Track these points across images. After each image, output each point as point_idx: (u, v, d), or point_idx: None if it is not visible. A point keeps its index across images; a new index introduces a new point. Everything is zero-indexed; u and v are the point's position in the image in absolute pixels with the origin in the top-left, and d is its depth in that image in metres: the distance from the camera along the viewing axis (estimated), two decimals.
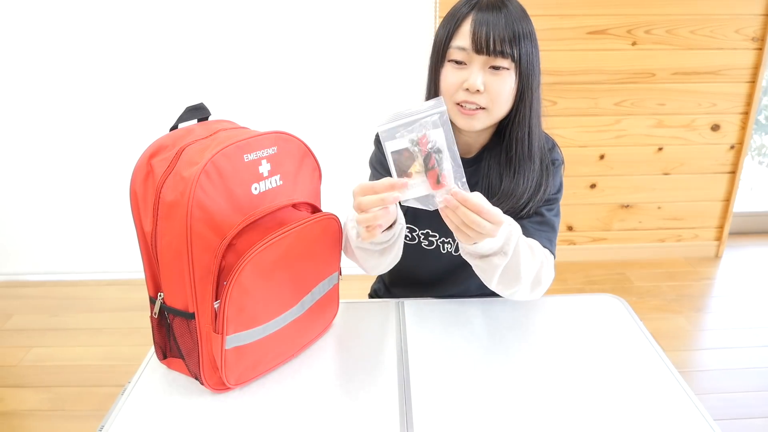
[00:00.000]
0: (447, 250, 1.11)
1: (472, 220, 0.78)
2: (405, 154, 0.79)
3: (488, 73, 0.94)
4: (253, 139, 0.83)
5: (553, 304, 1.10)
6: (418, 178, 0.79)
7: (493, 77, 0.94)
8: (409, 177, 0.79)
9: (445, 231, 1.09)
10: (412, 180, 0.79)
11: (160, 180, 0.80)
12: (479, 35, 0.91)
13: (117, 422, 0.83)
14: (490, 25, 0.91)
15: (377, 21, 2.28)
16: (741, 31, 2.36)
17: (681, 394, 0.88)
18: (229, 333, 0.81)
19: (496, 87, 0.94)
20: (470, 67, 0.94)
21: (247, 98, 2.37)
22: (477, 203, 0.78)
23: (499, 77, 0.94)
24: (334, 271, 0.98)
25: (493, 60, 0.93)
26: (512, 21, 0.92)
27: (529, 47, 0.94)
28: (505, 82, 0.94)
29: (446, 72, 0.97)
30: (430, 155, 0.78)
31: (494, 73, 0.94)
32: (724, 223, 2.69)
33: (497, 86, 0.94)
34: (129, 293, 2.48)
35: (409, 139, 0.78)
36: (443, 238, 1.10)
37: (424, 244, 1.12)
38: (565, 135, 2.49)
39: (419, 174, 0.79)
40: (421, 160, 0.79)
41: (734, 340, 2.15)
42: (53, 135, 2.40)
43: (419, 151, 0.78)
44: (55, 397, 1.90)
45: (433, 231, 1.11)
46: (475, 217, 0.78)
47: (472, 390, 0.88)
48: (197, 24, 2.26)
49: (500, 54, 0.92)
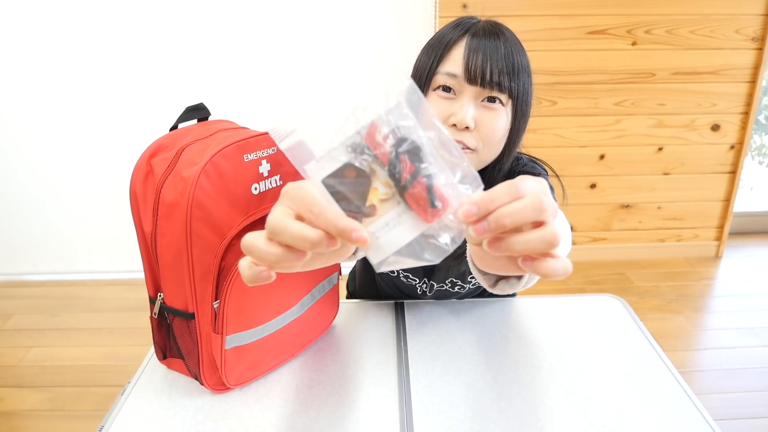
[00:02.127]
0: (423, 290, 1.06)
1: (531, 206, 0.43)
2: (349, 177, 0.42)
3: (480, 107, 0.80)
4: (253, 139, 0.83)
5: (553, 304, 1.10)
6: (390, 210, 0.43)
7: (487, 112, 0.80)
8: (371, 216, 0.43)
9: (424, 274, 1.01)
10: (379, 220, 0.43)
11: (160, 180, 0.80)
12: (474, 62, 0.78)
13: (117, 422, 0.83)
14: (487, 53, 0.79)
15: (377, 21, 2.28)
16: (741, 31, 2.36)
17: (681, 394, 0.88)
18: (228, 333, 0.81)
19: (488, 125, 0.80)
20: (459, 99, 0.80)
21: (247, 98, 2.37)
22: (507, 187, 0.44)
23: (493, 113, 0.80)
24: (333, 271, 0.98)
25: (488, 92, 0.80)
26: (511, 51, 0.80)
27: (527, 82, 0.82)
28: (498, 118, 0.81)
29: (431, 101, 0.82)
30: (397, 161, 0.42)
31: (488, 108, 0.80)
32: (724, 223, 2.69)
33: (490, 123, 0.80)
34: (129, 293, 2.48)
35: (344, 145, 0.42)
36: (425, 280, 1.02)
37: (402, 278, 1.05)
38: (565, 135, 2.49)
39: (389, 202, 0.43)
40: (384, 176, 0.42)
41: (734, 340, 2.15)
42: (53, 135, 2.40)
43: (374, 160, 0.42)
44: (55, 397, 1.90)
45: (413, 275, 1.01)
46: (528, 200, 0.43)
47: (472, 390, 0.88)
48: (197, 24, 2.26)
49: (497, 86, 0.79)
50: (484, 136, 0.80)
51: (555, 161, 1.07)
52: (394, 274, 1.04)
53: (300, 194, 0.43)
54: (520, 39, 0.86)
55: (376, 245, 0.43)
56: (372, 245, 0.43)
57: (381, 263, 0.44)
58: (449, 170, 0.43)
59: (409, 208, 0.42)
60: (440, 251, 0.44)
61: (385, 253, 0.43)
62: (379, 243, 0.43)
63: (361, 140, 0.41)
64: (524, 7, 2.24)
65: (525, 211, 0.43)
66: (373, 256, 0.43)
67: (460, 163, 0.43)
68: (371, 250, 0.43)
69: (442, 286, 1.05)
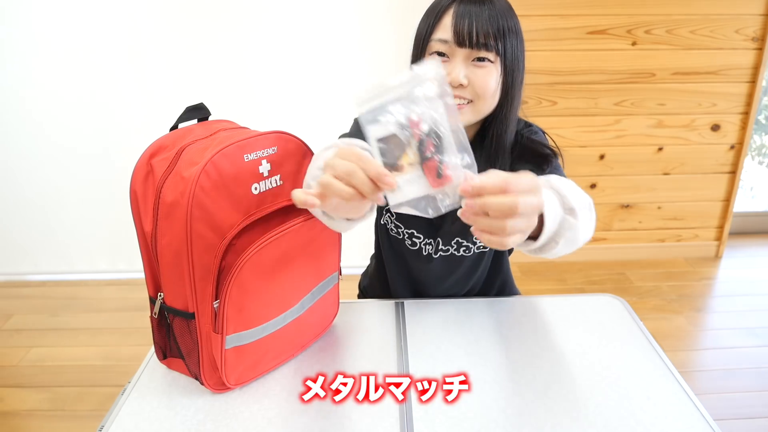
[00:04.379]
0: (428, 252, 1.08)
1: (507, 205, 0.57)
2: (393, 142, 0.61)
3: (471, 66, 0.89)
4: (253, 139, 0.83)
5: (553, 304, 1.10)
6: (412, 172, 0.61)
7: (477, 69, 0.89)
8: (399, 171, 0.62)
9: (429, 232, 1.05)
10: (404, 176, 0.61)
11: (160, 180, 0.80)
12: (461, 27, 0.87)
13: (117, 422, 0.83)
14: (473, 17, 0.87)
15: (377, 21, 2.28)
16: (741, 31, 2.36)
17: (681, 394, 0.88)
18: (228, 333, 0.81)
19: (480, 80, 0.89)
20: (452, 61, 0.90)
21: (247, 98, 2.37)
22: (499, 181, 0.58)
23: (483, 69, 0.89)
24: (333, 271, 0.98)
25: (477, 52, 0.89)
26: (496, 14, 0.88)
27: (515, 42, 0.90)
28: (489, 74, 0.90)
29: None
30: (425, 141, 0.60)
31: (478, 65, 0.89)
32: (724, 223, 2.69)
33: (481, 79, 0.89)
34: (129, 293, 2.48)
35: (396, 122, 0.61)
36: (427, 239, 1.06)
37: (407, 243, 1.09)
38: (565, 135, 2.49)
39: (413, 167, 0.61)
40: (414, 149, 0.61)
41: (734, 340, 2.15)
42: (53, 135, 2.40)
43: (411, 136, 0.61)
44: (55, 397, 1.90)
45: (417, 232, 1.07)
46: (507, 199, 0.57)
47: (472, 390, 0.88)
48: (197, 24, 2.26)
49: (483, 47, 0.88)
50: (477, 90, 0.90)
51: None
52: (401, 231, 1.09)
53: (352, 150, 0.62)
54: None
55: (397, 191, 0.62)
56: (395, 191, 0.62)
57: (397, 205, 0.63)
58: (458, 154, 0.61)
59: (424, 174, 0.61)
60: (437, 210, 0.64)
61: (401, 198, 0.62)
62: (399, 190, 0.62)
63: (406, 121, 0.61)
64: (524, 7, 2.24)
65: (502, 207, 0.58)
66: (392, 199, 0.62)
67: (467, 148, 0.62)
68: (393, 194, 0.62)
69: (447, 250, 1.06)
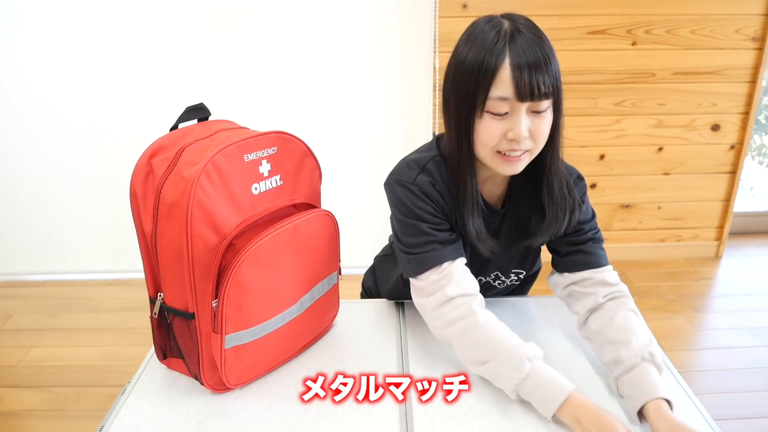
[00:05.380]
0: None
1: None
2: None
3: (531, 116, 0.86)
4: (254, 139, 0.83)
5: (553, 304, 1.10)
6: None
7: (537, 119, 0.86)
8: None
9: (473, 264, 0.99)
10: None
11: (160, 180, 0.80)
12: (523, 83, 0.82)
13: (117, 422, 0.83)
14: (533, 70, 0.82)
15: (377, 21, 2.28)
16: (741, 31, 2.36)
17: (681, 394, 0.88)
18: (228, 332, 0.81)
19: (539, 129, 0.87)
20: (513, 116, 0.85)
21: (247, 98, 2.37)
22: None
23: (542, 118, 0.87)
24: (333, 271, 0.98)
25: (538, 105, 0.85)
26: (545, 53, 0.84)
27: (558, 73, 0.86)
28: (546, 120, 0.88)
29: (486, 124, 0.86)
30: None
31: (537, 116, 0.86)
32: (724, 223, 2.69)
33: (540, 128, 0.87)
34: (129, 293, 2.48)
35: None
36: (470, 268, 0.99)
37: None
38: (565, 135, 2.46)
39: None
40: None
41: (734, 340, 2.15)
42: (53, 135, 2.40)
43: None
44: (54, 397, 1.90)
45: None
46: None
47: (472, 390, 0.88)
48: (197, 24, 2.26)
49: (545, 96, 0.84)
50: (536, 139, 0.88)
51: None
52: None
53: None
54: None
55: None
56: None
57: None
58: None
59: None
60: None
61: None
62: None
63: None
64: (524, 7, 2.24)
65: None
66: None
67: None
68: None
69: (481, 280, 1.06)
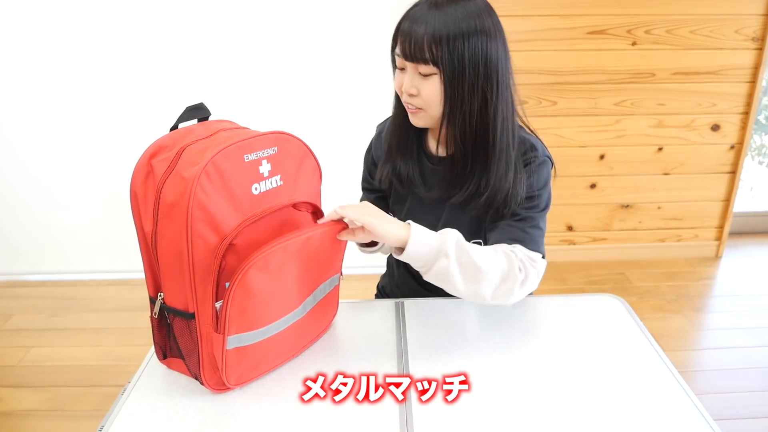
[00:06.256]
0: None
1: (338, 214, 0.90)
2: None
3: (418, 76, 0.96)
4: (254, 139, 0.83)
5: (553, 304, 1.10)
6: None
7: (423, 80, 0.96)
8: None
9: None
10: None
11: (160, 180, 0.80)
12: (405, 44, 0.94)
13: (117, 422, 0.83)
14: (412, 34, 0.93)
15: (377, 21, 2.28)
16: (741, 31, 2.36)
17: (681, 394, 0.88)
18: (230, 334, 0.81)
19: (424, 91, 0.97)
20: (406, 72, 0.98)
21: (247, 98, 2.37)
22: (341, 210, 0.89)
23: (427, 81, 0.96)
24: (335, 273, 0.98)
25: (422, 67, 0.95)
26: (443, 23, 0.91)
27: (460, 47, 0.92)
28: (431, 85, 0.96)
29: (395, 76, 1.02)
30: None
31: (423, 77, 0.96)
32: (724, 223, 2.69)
33: (425, 90, 0.97)
34: (129, 293, 2.48)
35: None
36: None
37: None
38: (565, 135, 2.49)
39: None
40: None
41: (734, 340, 2.15)
42: (53, 135, 2.40)
43: None
44: (54, 397, 1.90)
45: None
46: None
47: (472, 390, 0.88)
48: (197, 24, 2.26)
49: (421, 60, 0.93)
50: (425, 100, 0.98)
51: (555, 161, 1.07)
52: None
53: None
54: (520, 39, 0.90)
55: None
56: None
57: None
58: None
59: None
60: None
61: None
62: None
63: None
64: (524, 7, 2.24)
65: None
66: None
67: None
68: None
69: None
